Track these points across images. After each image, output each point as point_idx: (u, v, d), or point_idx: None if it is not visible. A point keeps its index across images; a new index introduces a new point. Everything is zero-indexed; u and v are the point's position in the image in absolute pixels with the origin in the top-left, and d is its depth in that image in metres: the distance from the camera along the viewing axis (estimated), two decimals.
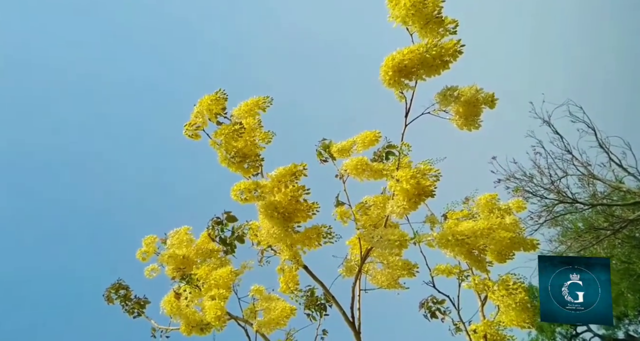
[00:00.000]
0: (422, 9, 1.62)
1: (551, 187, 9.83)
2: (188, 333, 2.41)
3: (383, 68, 1.72)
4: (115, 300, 2.74)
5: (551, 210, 9.95)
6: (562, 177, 9.84)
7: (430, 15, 1.64)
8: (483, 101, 1.83)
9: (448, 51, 1.66)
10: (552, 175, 9.84)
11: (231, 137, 1.83)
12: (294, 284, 2.67)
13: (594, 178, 9.78)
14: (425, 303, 2.72)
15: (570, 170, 9.85)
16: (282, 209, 2.09)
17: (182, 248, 2.38)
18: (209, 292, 2.28)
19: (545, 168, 9.88)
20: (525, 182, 9.92)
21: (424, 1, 1.62)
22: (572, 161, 9.82)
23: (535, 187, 9.87)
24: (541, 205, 9.95)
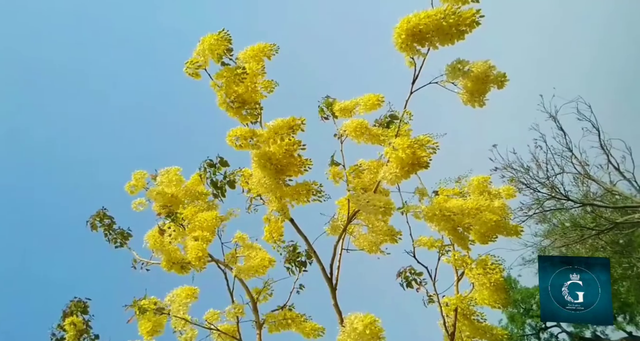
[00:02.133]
0: None
1: (546, 182, 10.26)
2: (168, 268, 2.65)
3: (397, 30, 1.77)
4: (99, 228, 2.97)
5: (541, 204, 10.44)
6: (558, 174, 10.26)
7: None
8: (493, 79, 1.90)
9: (465, 20, 1.71)
10: (549, 170, 10.24)
11: (232, 80, 1.91)
12: (278, 235, 2.89)
13: (589, 178, 10.19)
14: (403, 272, 2.96)
15: (567, 167, 10.27)
16: (275, 161, 2.22)
17: (172, 187, 2.55)
18: (193, 233, 2.48)
19: (543, 163, 10.27)
20: (521, 174, 10.38)
21: None
22: (571, 159, 10.19)
23: (530, 179, 10.37)
24: (533, 198, 10.45)
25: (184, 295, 2.73)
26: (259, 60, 2.02)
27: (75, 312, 2.87)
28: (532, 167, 10.26)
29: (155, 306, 2.63)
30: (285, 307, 3.22)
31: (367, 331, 1.95)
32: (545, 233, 11.45)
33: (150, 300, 2.65)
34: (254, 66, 2.00)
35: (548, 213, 10.95)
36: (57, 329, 2.90)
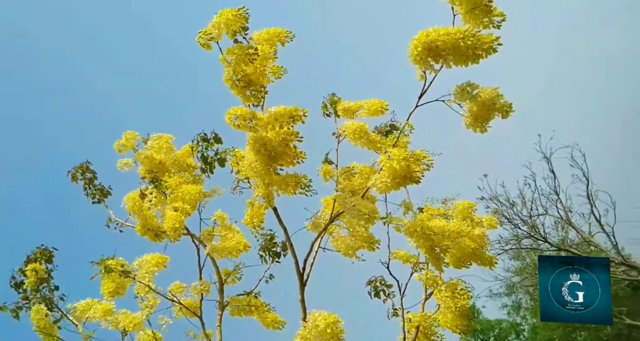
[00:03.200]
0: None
1: (528, 220, 10.90)
2: (142, 233, 2.70)
3: (414, 42, 1.81)
4: (80, 181, 3.00)
5: (519, 241, 10.93)
6: (541, 214, 10.76)
7: (478, 5, 1.69)
8: (499, 108, 1.94)
9: (484, 44, 1.75)
10: (533, 209, 10.73)
11: (242, 59, 1.95)
12: (258, 221, 2.94)
13: (570, 224, 10.64)
14: (374, 281, 3.02)
15: (551, 210, 10.73)
16: (270, 147, 2.26)
17: (161, 154, 2.58)
18: (174, 203, 2.53)
19: (529, 201, 10.76)
20: (505, 208, 10.77)
21: None
22: (556, 202, 10.69)
23: (513, 215, 10.82)
24: (512, 233, 10.99)
25: (153, 263, 2.77)
26: (273, 44, 2.05)
27: (40, 259, 2.91)
28: (518, 203, 11.04)
29: (122, 268, 2.68)
30: (251, 294, 3.29)
31: (328, 330, 2.01)
32: (516, 270, 11.97)
33: (118, 261, 2.70)
34: (266, 49, 2.03)
35: (523, 251, 11.49)
36: (18, 273, 2.95)
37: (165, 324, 2.98)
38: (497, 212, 10.35)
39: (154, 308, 2.87)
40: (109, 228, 2.95)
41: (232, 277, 3.25)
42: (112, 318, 2.86)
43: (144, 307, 2.84)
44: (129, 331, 2.85)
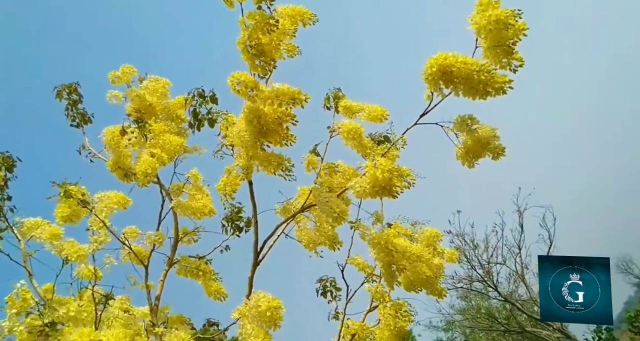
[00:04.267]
0: (502, 30, 1.74)
1: (485, 265, 11.51)
2: (112, 170, 2.77)
3: (431, 61, 1.87)
4: (64, 100, 3.04)
5: (471, 283, 11.58)
6: (499, 263, 11.50)
7: (504, 40, 1.76)
8: (491, 148, 2.02)
9: (495, 83, 1.82)
10: (493, 256, 11.46)
11: (261, 27, 1.99)
12: (231, 190, 3.02)
13: (522, 280, 11.39)
14: (325, 280, 3.14)
15: (509, 261, 11.47)
16: (263, 122, 2.33)
17: (153, 97, 2.64)
18: (152, 148, 2.59)
19: (491, 248, 11.49)
20: (468, 247, 11.34)
21: (510, 24, 1.73)
22: (516, 256, 11.40)
23: (473, 256, 11.35)
24: (467, 273, 11.69)
25: (114, 200, 2.84)
26: (294, 22, 2.10)
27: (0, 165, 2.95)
28: (480, 247, 11.68)
29: (81, 197, 2.74)
30: (203, 258, 3.39)
31: (267, 313, 2.10)
32: (460, 309, 12.69)
33: (79, 189, 2.75)
34: (287, 24, 2.08)
35: (472, 293, 12.17)
36: None
37: (110, 264, 3.07)
38: (459, 248, 10.97)
39: (102, 245, 2.94)
40: (80, 155, 3.01)
41: (189, 237, 3.35)
42: (58, 243, 2.94)
43: (93, 241, 2.92)
44: (70, 261, 2.93)
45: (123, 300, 3.03)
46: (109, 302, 2.89)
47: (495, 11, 1.76)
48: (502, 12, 1.76)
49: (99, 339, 1.89)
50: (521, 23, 1.76)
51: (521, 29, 1.76)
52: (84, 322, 2.58)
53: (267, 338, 2.11)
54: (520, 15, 1.76)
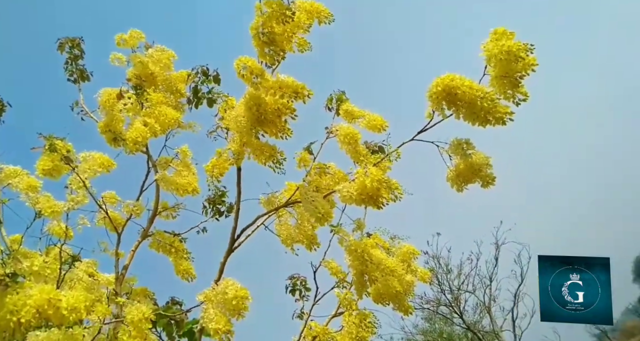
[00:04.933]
0: (512, 61, 1.79)
1: (454, 291, 11.91)
2: (102, 131, 2.81)
3: (438, 80, 1.93)
4: (65, 53, 3.07)
5: (438, 306, 12.07)
6: (468, 291, 11.98)
7: (513, 72, 1.81)
8: (482, 176, 2.08)
9: (496, 112, 1.87)
10: (464, 284, 11.93)
11: (276, 16, 2.03)
12: (219, 172, 3.06)
13: (488, 312, 11.88)
14: (296, 279, 3.21)
15: (479, 291, 11.97)
16: (262, 110, 2.38)
17: (157, 66, 2.67)
18: (146, 117, 2.63)
19: (463, 275, 11.92)
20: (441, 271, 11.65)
21: (520, 57, 1.78)
22: (486, 288, 11.91)
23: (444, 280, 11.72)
24: (436, 296, 12.16)
25: (98, 161, 2.86)
26: (310, 17, 2.14)
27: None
28: (453, 272, 11.90)
29: (66, 153, 2.77)
30: (178, 236, 3.44)
31: (233, 302, 2.14)
32: (423, 330, 13.04)
33: (66, 145, 2.78)
34: (303, 18, 2.12)
35: (437, 316, 12.53)
36: None
37: (83, 225, 3.11)
38: (432, 270, 11.24)
39: (78, 205, 2.97)
40: (72, 111, 3.04)
41: (168, 213, 3.40)
42: (34, 195, 2.97)
43: (70, 200, 2.94)
44: (43, 215, 2.96)
45: (90, 264, 3.06)
46: (75, 263, 2.93)
47: (509, 42, 1.81)
48: (515, 44, 1.81)
49: (59, 298, 1.93)
50: (532, 58, 1.81)
51: (531, 63, 1.81)
52: (46, 279, 2.61)
53: (228, 326, 2.15)
54: (532, 50, 1.82)
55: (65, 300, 1.95)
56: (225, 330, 2.12)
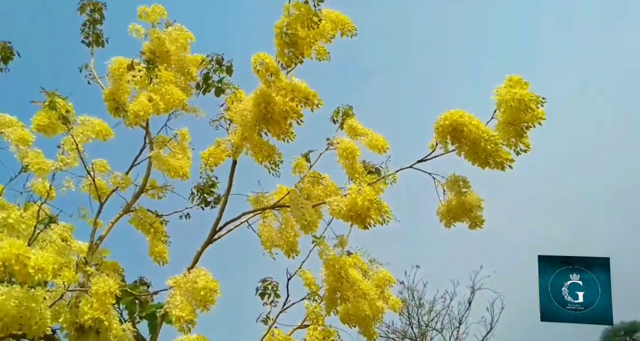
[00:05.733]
0: (521, 111, 1.86)
1: (422, 327, 12.14)
2: (105, 98, 2.87)
3: (446, 113, 2.00)
4: (85, 15, 3.15)
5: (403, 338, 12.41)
6: (435, 329, 12.19)
7: (520, 121, 1.88)
8: (472, 216, 2.14)
9: (497, 157, 1.93)
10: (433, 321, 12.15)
11: (302, 20, 2.10)
12: (214, 161, 3.12)
13: None
14: (268, 282, 3.26)
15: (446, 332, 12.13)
16: (270, 109, 2.44)
17: (173, 46, 2.74)
18: (152, 93, 2.70)
19: (434, 312, 12.20)
20: (413, 304, 11.81)
21: (530, 107, 1.85)
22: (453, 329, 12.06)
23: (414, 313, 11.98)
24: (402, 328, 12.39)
25: (96, 128, 2.90)
26: (335, 28, 2.21)
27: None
28: (425, 307, 12.13)
29: (65, 113, 2.83)
30: (160, 217, 3.51)
31: (202, 292, 2.17)
32: None
33: (66, 105, 2.84)
34: (327, 27, 2.19)
35: None
36: None
37: (67, 189, 3.16)
38: (404, 301, 11.39)
39: (67, 167, 3.00)
40: (80, 73, 3.12)
41: (155, 192, 3.46)
42: (24, 148, 3.02)
43: (60, 160, 2.99)
44: (29, 171, 3.01)
45: (65, 228, 3.10)
46: (51, 225, 2.98)
47: (522, 91, 1.88)
48: (527, 94, 1.88)
49: (28, 255, 1.96)
50: (541, 111, 1.88)
51: (539, 116, 1.88)
52: (19, 235, 2.65)
53: (192, 316, 2.18)
54: (543, 104, 1.88)
55: (34, 258, 1.97)
56: (188, 319, 2.15)
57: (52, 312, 2.28)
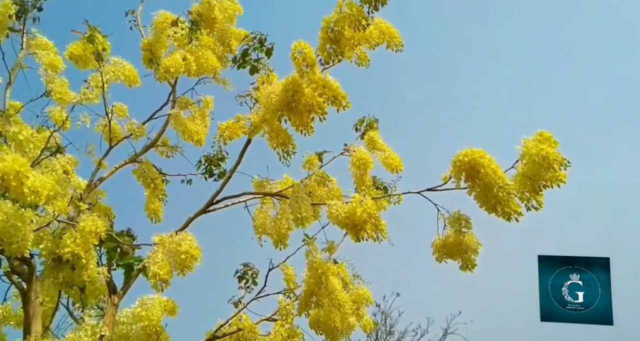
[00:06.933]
0: (543, 168, 1.87)
1: None
2: (142, 47, 2.99)
3: (467, 151, 2.03)
4: None
5: None
6: None
7: (539, 178, 1.89)
8: (465, 259, 2.17)
9: (506, 207, 1.95)
10: None
11: (351, 19, 2.13)
12: (229, 135, 3.21)
13: None
14: (249, 268, 3.36)
15: None
16: (297, 98, 2.49)
17: (221, 14, 2.82)
18: (189, 53, 2.79)
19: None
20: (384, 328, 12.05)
21: (553, 167, 1.86)
22: None
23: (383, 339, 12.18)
24: None
25: (126, 72, 3.01)
26: (382, 38, 2.25)
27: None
28: (394, 336, 12.23)
29: (101, 50, 2.94)
30: (163, 175, 3.63)
31: (182, 256, 2.28)
32: None
33: (105, 42, 2.95)
34: (374, 34, 2.23)
35: None
36: None
37: (82, 123, 3.29)
38: (376, 324, 11.58)
39: (88, 102, 3.13)
40: (125, 17, 3.23)
41: (165, 150, 3.57)
42: (52, 74, 3.15)
43: (83, 94, 3.12)
44: (51, 97, 3.13)
45: (70, 161, 3.21)
46: (57, 154, 3.11)
47: (549, 149, 1.89)
48: (553, 153, 1.89)
49: (27, 175, 2.04)
50: (563, 174, 1.89)
51: (559, 178, 1.89)
52: (24, 154, 2.76)
53: (168, 276, 2.28)
54: (567, 167, 1.88)
55: (33, 179, 2.07)
56: (164, 278, 2.26)
57: (35, 237, 2.39)
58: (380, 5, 2.13)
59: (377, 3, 2.11)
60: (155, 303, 2.43)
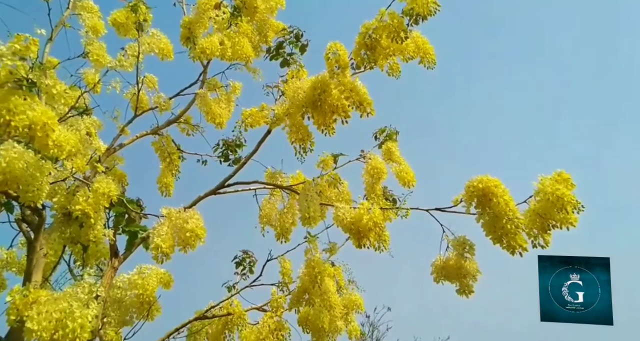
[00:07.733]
0: (555, 208, 1.87)
1: None
2: (182, 25, 3.05)
3: (482, 178, 2.03)
4: None
5: None
6: None
7: (549, 217, 1.89)
8: (463, 283, 2.19)
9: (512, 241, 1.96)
10: None
11: (390, 29, 2.15)
12: (251, 122, 3.26)
13: None
14: (248, 255, 3.42)
15: None
16: (323, 97, 2.53)
17: (264, 4, 2.87)
18: (226, 38, 2.84)
19: None
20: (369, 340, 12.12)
21: (565, 208, 1.85)
22: None
23: None
24: None
25: (162, 45, 3.10)
26: (416, 52, 2.25)
27: None
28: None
29: (142, 21, 3.03)
30: (181, 151, 3.71)
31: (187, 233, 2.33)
32: None
33: (148, 13, 3.03)
34: (410, 47, 2.24)
35: None
36: None
37: (112, 88, 3.38)
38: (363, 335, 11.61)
39: (121, 69, 3.21)
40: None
41: (187, 127, 3.65)
42: (92, 37, 3.24)
43: (118, 60, 3.20)
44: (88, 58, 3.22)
45: (95, 123, 3.30)
46: (83, 115, 3.20)
47: (565, 190, 1.88)
48: (568, 195, 1.88)
49: (54, 128, 2.10)
50: (574, 217, 1.88)
51: (570, 221, 1.88)
52: (53, 106, 2.84)
53: (170, 250, 2.34)
54: (580, 210, 1.88)
55: (58, 133, 2.13)
56: (166, 251, 2.32)
57: (50, 190, 2.47)
58: (422, 19, 2.14)
59: (418, 17, 2.12)
60: (152, 273, 2.51)
